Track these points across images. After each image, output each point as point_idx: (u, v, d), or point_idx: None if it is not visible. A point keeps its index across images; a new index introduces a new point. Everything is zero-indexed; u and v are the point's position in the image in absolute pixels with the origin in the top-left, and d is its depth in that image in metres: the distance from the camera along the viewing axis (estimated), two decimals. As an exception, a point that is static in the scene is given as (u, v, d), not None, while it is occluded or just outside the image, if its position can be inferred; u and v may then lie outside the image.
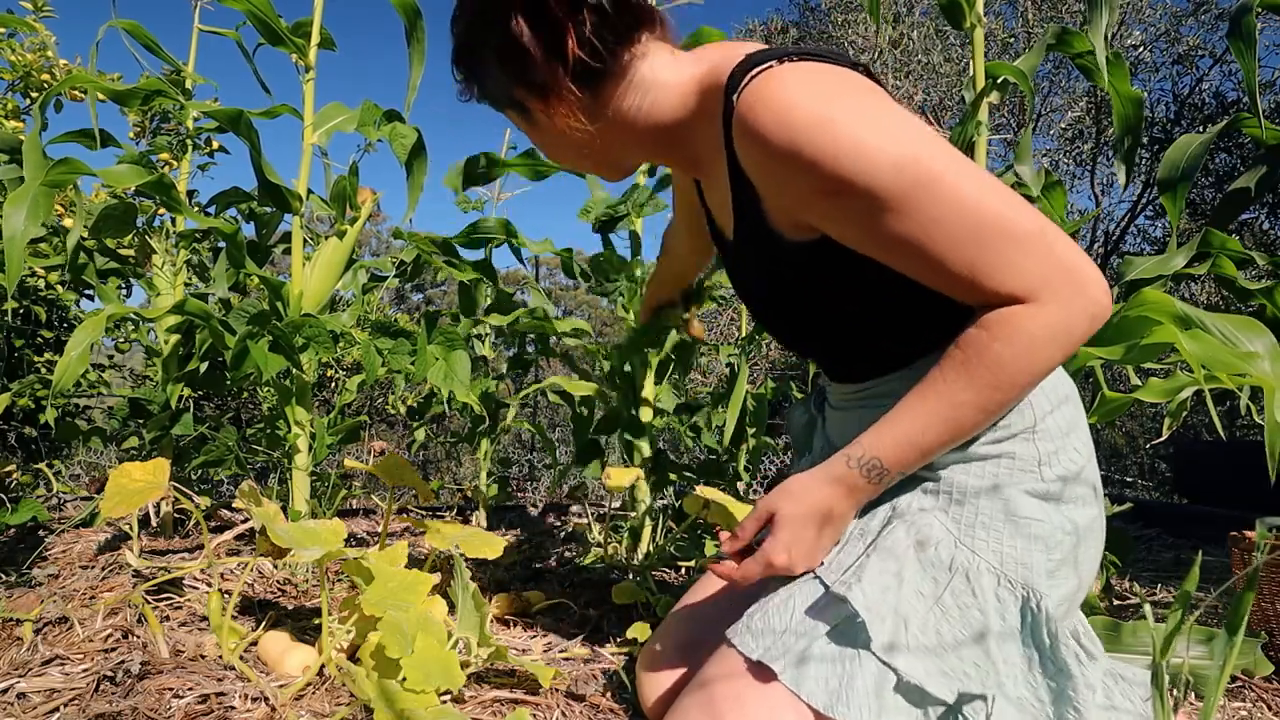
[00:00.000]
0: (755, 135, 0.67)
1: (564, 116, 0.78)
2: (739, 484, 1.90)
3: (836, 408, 0.92)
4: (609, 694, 1.02)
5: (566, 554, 1.76)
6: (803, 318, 0.84)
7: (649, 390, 1.65)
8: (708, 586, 0.99)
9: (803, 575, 0.77)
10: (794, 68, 0.68)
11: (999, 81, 1.41)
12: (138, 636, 1.05)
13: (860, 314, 0.79)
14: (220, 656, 1.01)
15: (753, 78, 0.69)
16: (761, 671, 0.71)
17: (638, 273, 1.62)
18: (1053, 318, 0.63)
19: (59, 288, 2.16)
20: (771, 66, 0.69)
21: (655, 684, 0.92)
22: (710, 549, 1.59)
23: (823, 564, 0.77)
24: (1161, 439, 1.31)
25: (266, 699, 0.91)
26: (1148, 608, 0.54)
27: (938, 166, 0.63)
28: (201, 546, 1.59)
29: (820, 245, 0.73)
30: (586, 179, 1.69)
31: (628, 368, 1.66)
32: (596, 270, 1.64)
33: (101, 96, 1.55)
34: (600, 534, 1.68)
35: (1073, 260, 0.63)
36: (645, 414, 1.65)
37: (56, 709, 0.87)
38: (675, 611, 0.99)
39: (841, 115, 0.64)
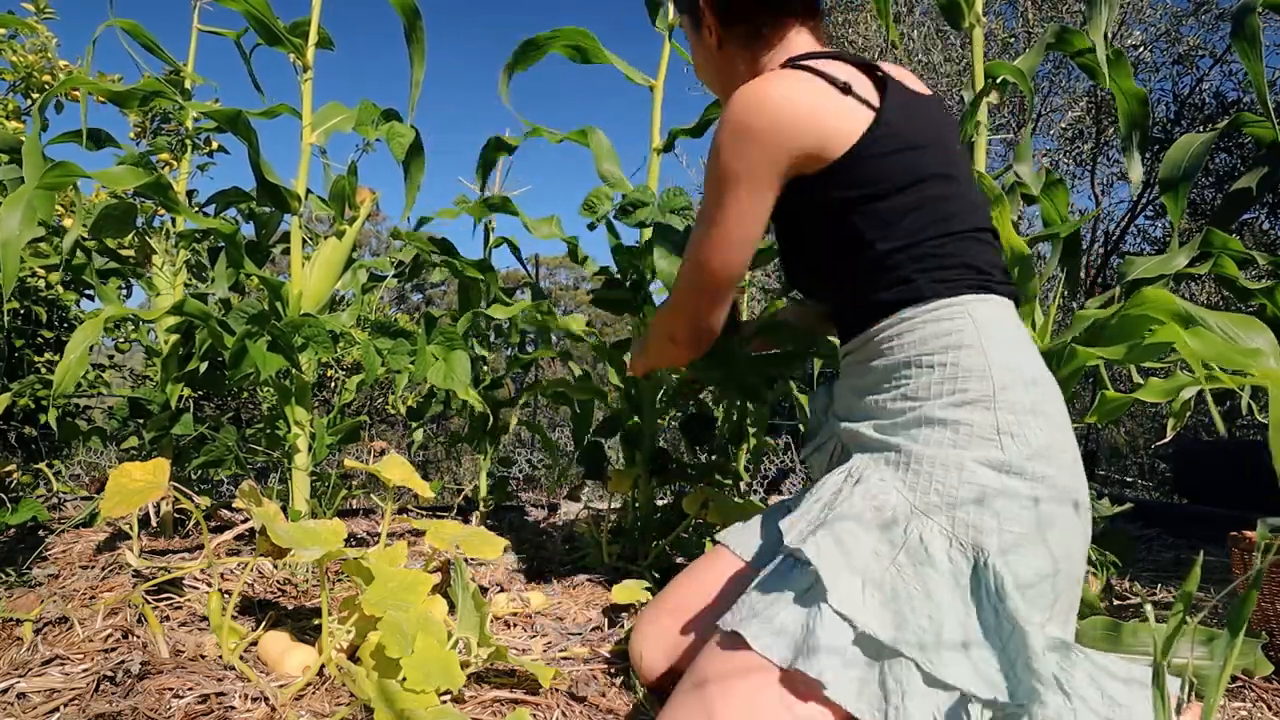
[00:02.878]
0: None
1: (720, 38, 1.05)
2: (739, 484, 1.90)
3: (841, 382, 0.99)
4: (609, 694, 1.02)
5: (566, 554, 1.76)
6: (800, 265, 1.00)
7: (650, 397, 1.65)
8: (708, 565, 1.04)
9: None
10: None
11: (999, 81, 1.41)
12: (138, 636, 1.05)
13: (815, 261, 0.95)
14: (220, 656, 1.01)
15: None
16: (735, 640, 0.75)
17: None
18: (657, 319, 1.13)
19: (59, 288, 2.16)
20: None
21: (650, 644, 0.99)
22: (710, 548, 1.59)
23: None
24: (1165, 440, 1.30)
25: (266, 699, 0.91)
26: (1149, 608, 0.54)
27: (720, 177, 0.91)
28: (201, 546, 1.58)
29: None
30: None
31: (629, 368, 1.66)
32: (618, 257, 1.63)
33: (101, 98, 1.55)
34: (600, 534, 1.68)
35: (688, 292, 1.04)
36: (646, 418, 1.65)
37: (56, 709, 0.87)
38: (675, 581, 1.06)
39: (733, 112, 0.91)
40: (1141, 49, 5.98)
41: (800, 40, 1.01)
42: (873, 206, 0.85)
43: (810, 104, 0.85)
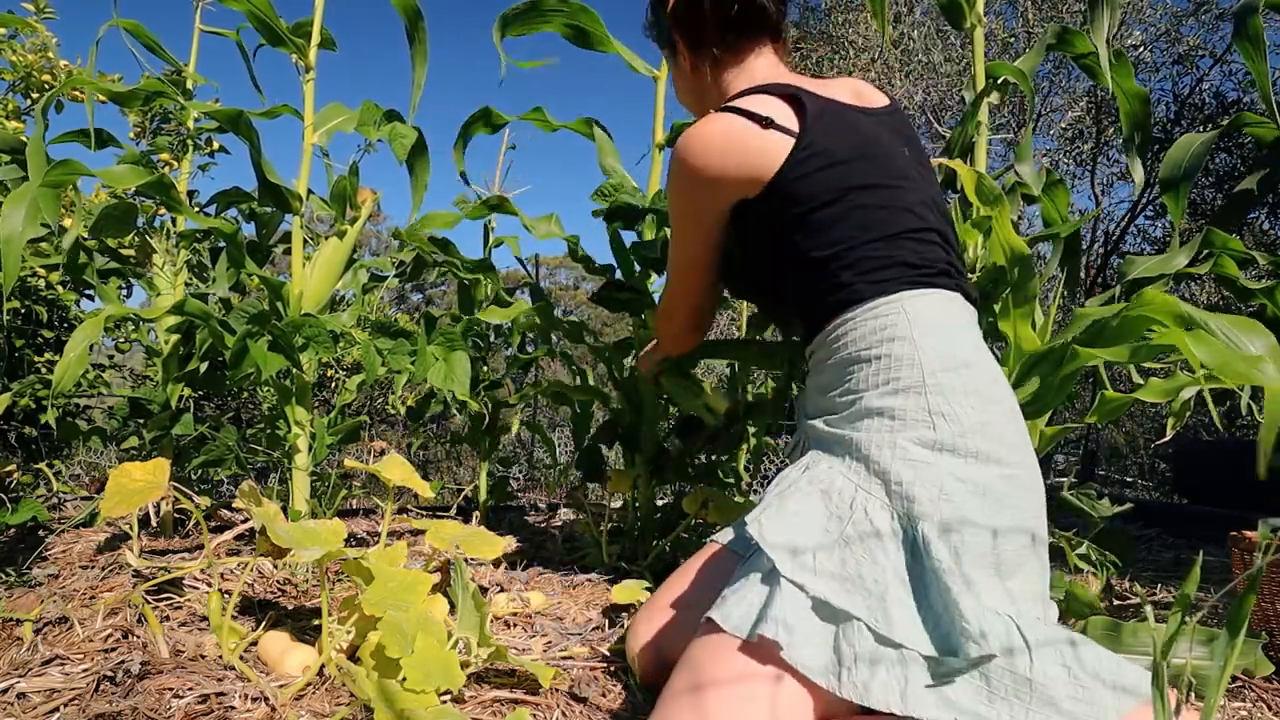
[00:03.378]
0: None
1: (692, 63, 1.16)
2: (740, 484, 1.90)
3: (806, 381, 1.07)
4: (609, 694, 1.02)
5: (566, 554, 1.76)
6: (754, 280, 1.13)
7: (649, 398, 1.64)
8: (699, 563, 1.07)
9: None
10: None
11: (999, 81, 1.41)
12: (138, 636, 1.05)
13: (763, 275, 1.07)
14: (220, 656, 1.01)
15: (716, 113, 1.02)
16: (711, 625, 0.80)
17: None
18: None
19: (59, 288, 2.16)
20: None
21: (644, 644, 1.01)
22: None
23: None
24: (1165, 439, 1.30)
25: (266, 699, 0.91)
26: (1148, 608, 0.54)
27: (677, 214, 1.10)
28: (201, 546, 1.59)
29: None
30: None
31: (628, 369, 1.66)
32: (617, 253, 1.62)
33: (101, 98, 1.55)
34: (600, 534, 1.68)
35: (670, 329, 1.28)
36: (647, 420, 1.64)
37: (56, 709, 0.87)
38: (668, 580, 1.09)
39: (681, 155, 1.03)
40: (1142, 49, 5.98)
41: (760, 63, 1.13)
42: (806, 220, 0.95)
43: (736, 143, 0.97)
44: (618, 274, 1.68)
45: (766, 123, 0.96)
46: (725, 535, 1.07)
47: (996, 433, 0.86)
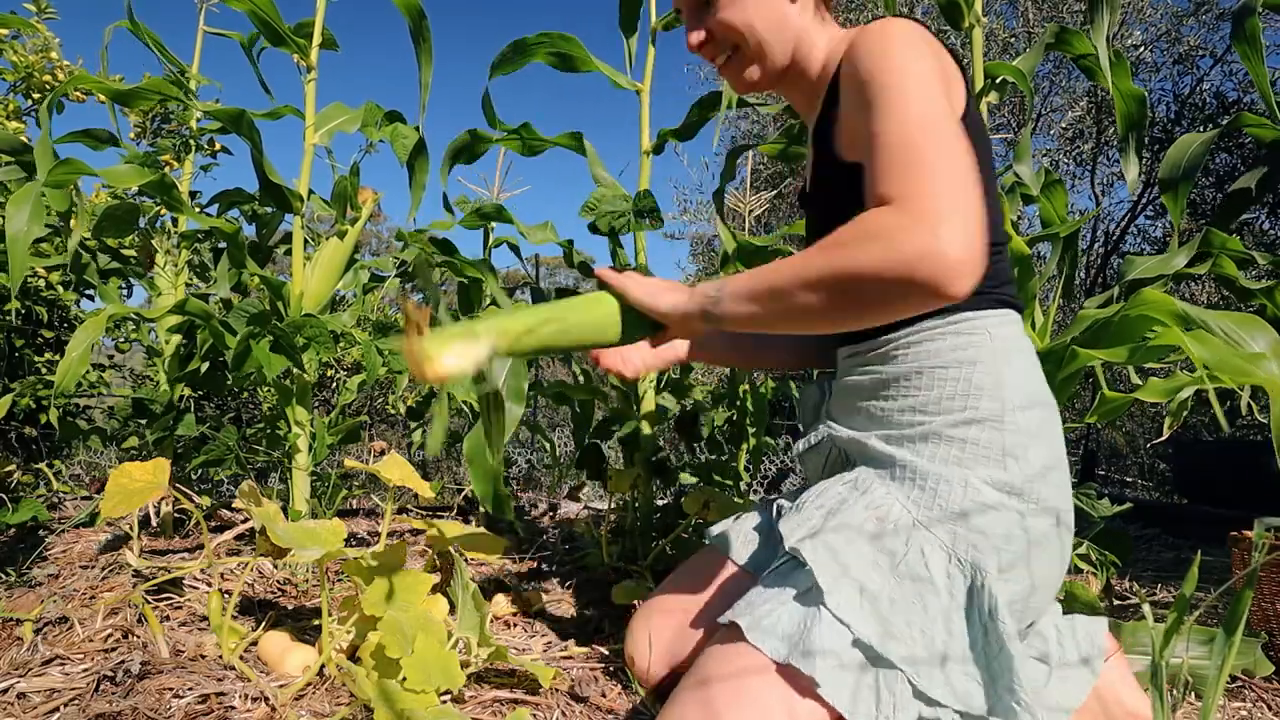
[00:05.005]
0: (860, 43, 0.79)
1: None
2: (739, 484, 1.90)
3: (841, 381, 0.96)
4: (609, 694, 1.02)
5: (566, 554, 1.76)
6: None
7: (649, 400, 1.65)
8: (698, 566, 1.04)
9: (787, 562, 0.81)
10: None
11: (998, 81, 1.41)
12: (138, 636, 1.05)
13: None
14: (220, 656, 1.02)
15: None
16: (734, 635, 0.75)
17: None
18: (889, 221, 0.65)
19: (59, 288, 2.16)
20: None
21: (642, 646, 0.99)
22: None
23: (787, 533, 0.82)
24: (1162, 439, 1.30)
25: (266, 699, 0.91)
26: (1147, 608, 0.54)
27: (912, 94, 0.72)
28: (201, 546, 1.59)
29: (856, 170, 0.76)
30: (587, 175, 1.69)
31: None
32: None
33: (102, 97, 1.55)
34: (600, 534, 1.68)
35: (942, 206, 0.64)
36: (645, 417, 1.65)
37: (56, 709, 0.87)
38: (666, 581, 1.06)
39: (909, 47, 0.76)
40: (1142, 49, 5.98)
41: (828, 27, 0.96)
42: None
43: (945, 51, 0.81)
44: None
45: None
46: (723, 541, 1.03)
47: (1058, 480, 0.81)
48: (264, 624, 1.13)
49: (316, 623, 1.14)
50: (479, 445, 1.34)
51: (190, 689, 0.91)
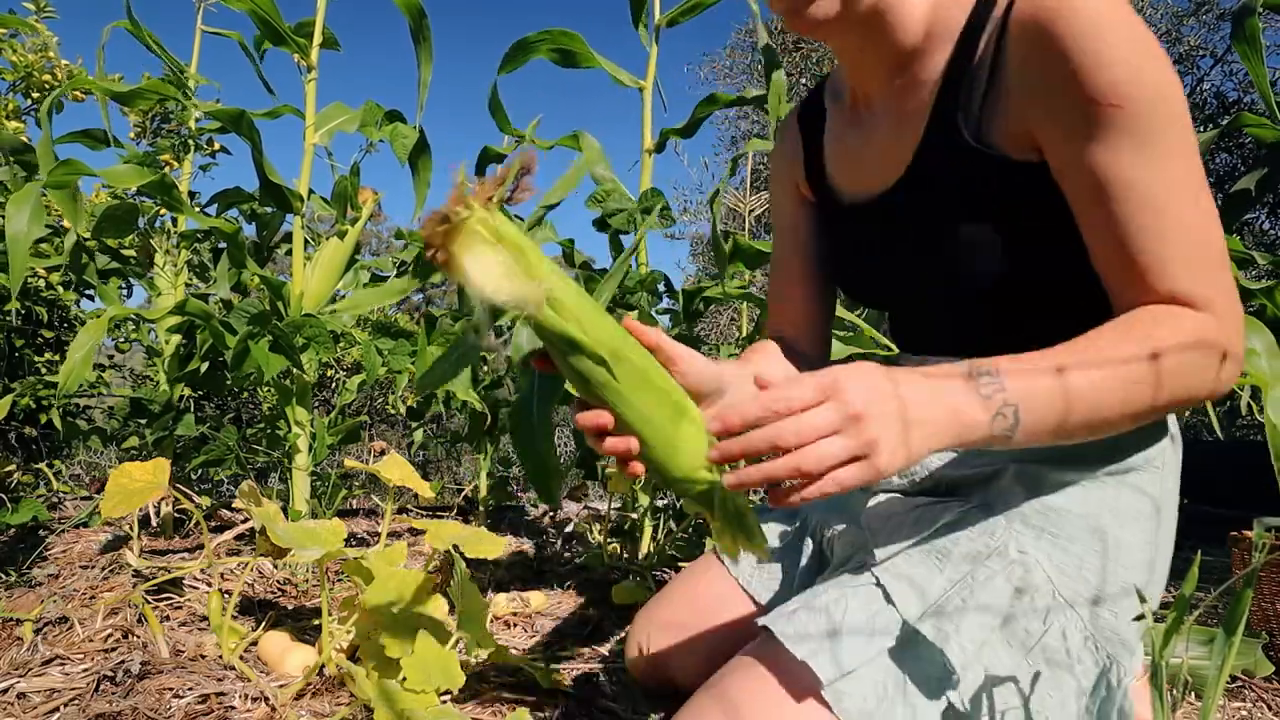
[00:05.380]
0: (1065, 29, 0.60)
1: None
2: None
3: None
4: (609, 694, 1.02)
5: (566, 554, 1.76)
6: (967, 257, 0.71)
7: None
8: (701, 577, 0.99)
9: (862, 577, 0.70)
10: None
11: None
12: (138, 636, 1.05)
13: (1019, 272, 0.70)
14: (220, 656, 1.02)
15: None
16: (797, 671, 0.63)
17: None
18: (1211, 333, 0.57)
19: (59, 288, 2.17)
20: None
21: (640, 659, 0.94)
22: (707, 550, 1.59)
23: (886, 574, 0.68)
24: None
25: (266, 699, 0.91)
26: (1146, 607, 0.54)
27: (1186, 146, 0.59)
28: (201, 546, 1.59)
29: (1033, 171, 0.66)
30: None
31: None
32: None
33: (101, 97, 1.56)
34: (600, 534, 1.68)
35: (1241, 312, 0.59)
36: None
37: (56, 709, 0.87)
38: (667, 589, 1.00)
39: (1154, 58, 0.60)
40: (1142, 49, 5.97)
41: None
42: None
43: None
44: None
45: None
46: (741, 571, 0.94)
47: (1162, 571, 0.74)
48: (264, 624, 1.13)
49: (316, 623, 1.14)
50: (529, 435, 1.36)
51: (190, 689, 0.91)
